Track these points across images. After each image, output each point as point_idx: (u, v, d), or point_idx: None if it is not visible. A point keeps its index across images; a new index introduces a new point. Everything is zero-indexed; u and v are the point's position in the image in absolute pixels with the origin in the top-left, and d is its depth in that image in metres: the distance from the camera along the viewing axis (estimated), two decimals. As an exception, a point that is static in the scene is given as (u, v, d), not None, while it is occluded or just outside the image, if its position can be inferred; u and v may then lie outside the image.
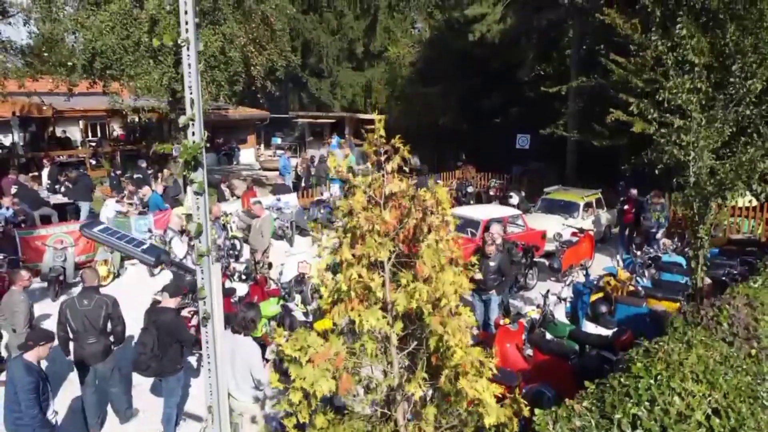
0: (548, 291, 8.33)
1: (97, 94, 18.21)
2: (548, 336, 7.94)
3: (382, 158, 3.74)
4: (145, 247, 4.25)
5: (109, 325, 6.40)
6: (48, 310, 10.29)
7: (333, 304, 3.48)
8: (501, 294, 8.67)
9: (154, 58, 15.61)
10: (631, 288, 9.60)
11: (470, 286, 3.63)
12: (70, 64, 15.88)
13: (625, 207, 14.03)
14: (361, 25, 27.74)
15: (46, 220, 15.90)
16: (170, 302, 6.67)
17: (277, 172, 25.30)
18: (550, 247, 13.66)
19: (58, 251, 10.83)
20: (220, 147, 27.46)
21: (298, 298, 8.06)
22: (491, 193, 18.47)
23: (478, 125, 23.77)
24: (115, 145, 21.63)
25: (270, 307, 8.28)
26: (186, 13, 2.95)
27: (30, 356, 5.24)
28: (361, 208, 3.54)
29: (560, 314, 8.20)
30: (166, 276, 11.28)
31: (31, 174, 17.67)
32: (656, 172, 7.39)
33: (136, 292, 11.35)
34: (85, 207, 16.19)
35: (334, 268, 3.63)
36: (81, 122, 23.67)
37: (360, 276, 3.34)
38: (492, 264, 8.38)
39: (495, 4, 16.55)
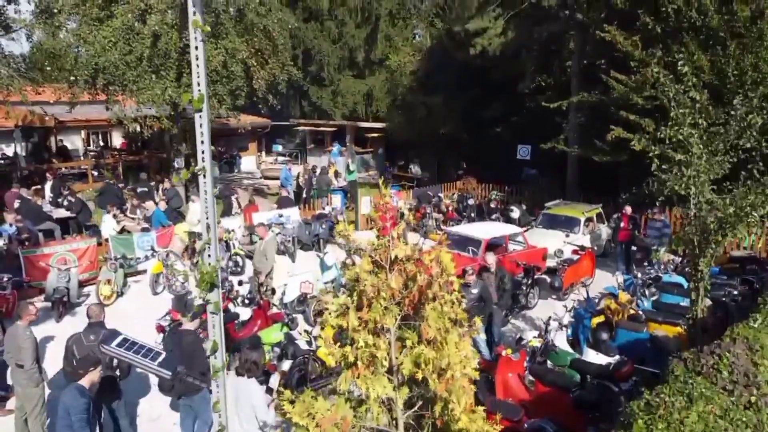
0: (549, 318, 8.40)
1: (99, 102, 18.21)
2: (549, 364, 8.01)
3: (388, 224, 3.75)
4: (160, 360, 4.38)
5: (115, 360, 6.45)
6: (52, 332, 10.35)
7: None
8: (483, 321, 8.75)
9: (156, 72, 15.67)
10: (632, 311, 9.66)
11: (475, 354, 3.68)
12: (72, 78, 15.93)
13: (621, 224, 14.03)
14: (362, 33, 27.76)
15: (48, 235, 15.96)
16: (190, 325, 6.82)
17: (278, 181, 25.42)
18: (551, 263, 13.73)
19: (62, 272, 10.88)
20: (222, 155, 27.51)
21: (301, 322, 8.09)
22: (492, 205, 18.49)
23: (479, 135, 23.81)
24: (117, 156, 21.67)
25: (273, 334, 8.35)
26: (202, 129, 3.00)
27: (84, 381, 5.48)
28: (367, 273, 3.58)
29: (562, 340, 8.25)
30: (168, 294, 11.35)
31: (34, 188, 17.68)
32: (657, 203, 7.42)
33: (139, 310, 11.47)
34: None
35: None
36: (83, 132, 23.77)
37: (366, 343, 3.40)
38: (474, 291, 8.46)
39: (496, 18, 16.59)
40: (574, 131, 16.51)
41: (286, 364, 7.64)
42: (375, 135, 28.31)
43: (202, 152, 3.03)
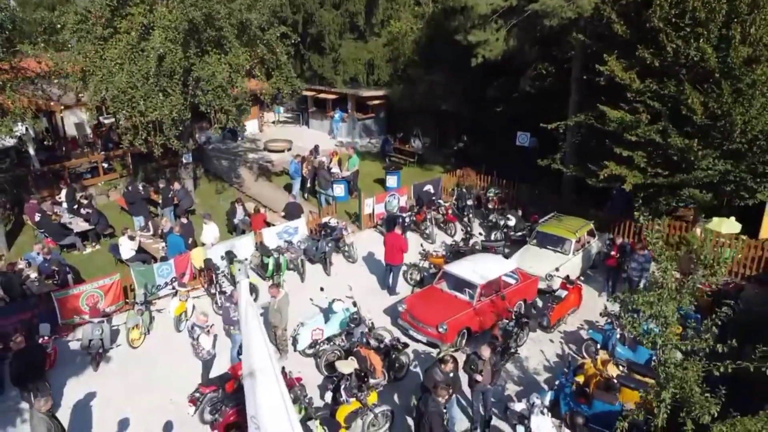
0: (533, 403, 9.57)
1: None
2: None
3: None
4: None
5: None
6: (91, 383, 11.58)
7: None
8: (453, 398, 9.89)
9: (164, 91, 15.93)
10: (609, 369, 10.84)
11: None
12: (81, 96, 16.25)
13: (611, 253, 14.94)
14: (362, -1, 27.14)
15: (71, 248, 16.96)
16: None
17: (282, 154, 26.00)
18: (542, 285, 14.81)
19: (96, 325, 11.94)
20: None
21: (317, 424, 9.24)
22: (490, 206, 19.24)
23: (480, 112, 24.13)
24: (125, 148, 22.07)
25: (291, 416, 9.55)
26: None
27: None
28: None
29: (545, 424, 9.43)
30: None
31: (51, 201, 18.41)
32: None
33: (165, 351, 12.68)
34: (139, 220, 17.84)
35: None
36: (87, 114, 23.96)
37: None
38: (451, 375, 9.61)
39: (498, 29, 16.57)
40: (571, 149, 16.99)
41: (304, 454, 8.90)
42: (376, 102, 28.44)
43: None
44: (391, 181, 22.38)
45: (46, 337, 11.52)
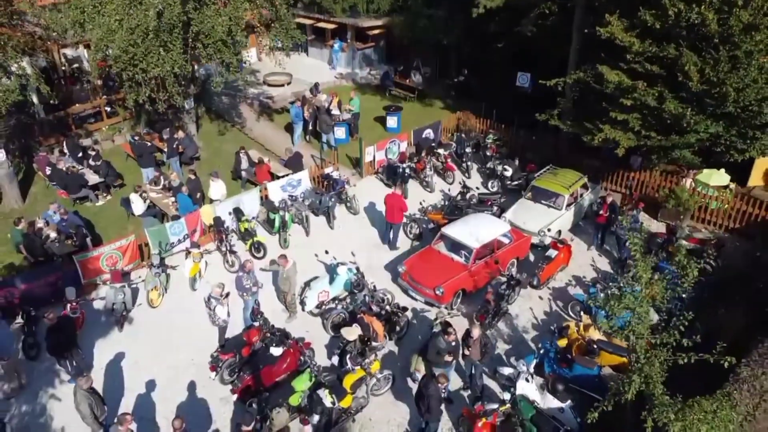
0: (519, 373, 10.66)
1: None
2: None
3: None
4: None
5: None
6: (117, 344, 12.66)
7: None
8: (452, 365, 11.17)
9: (164, 46, 15.94)
10: (591, 333, 11.90)
11: None
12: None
13: (600, 212, 15.60)
14: None
15: (84, 200, 17.62)
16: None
17: (283, 87, 25.97)
18: (534, 240, 15.65)
19: (118, 290, 12.85)
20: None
21: (326, 393, 10.33)
22: (488, 153, 19.65)
23: (481, 47, 23.90)
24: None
25: (303, 383, 10.70)
26: None
27: None
28: None
29: (530, 390, 10.56)
30: (205, 288, 13.34)
31: (58, 151, 18.79)
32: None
33: (181, 309, 13.70)
34: (147, 172, 18.29)
35: None
36: (85, 51, 23.71)
37: None
38: (453, 344, 10.76)
39: (500, -20, 16.24)
40: (569, 104, 17.10)
41: (315, 418, 10.11)
42: (376, 32, 27.99)
43: None
44: (392, 121, 22.63)
45: (73, 303, 12.45)
